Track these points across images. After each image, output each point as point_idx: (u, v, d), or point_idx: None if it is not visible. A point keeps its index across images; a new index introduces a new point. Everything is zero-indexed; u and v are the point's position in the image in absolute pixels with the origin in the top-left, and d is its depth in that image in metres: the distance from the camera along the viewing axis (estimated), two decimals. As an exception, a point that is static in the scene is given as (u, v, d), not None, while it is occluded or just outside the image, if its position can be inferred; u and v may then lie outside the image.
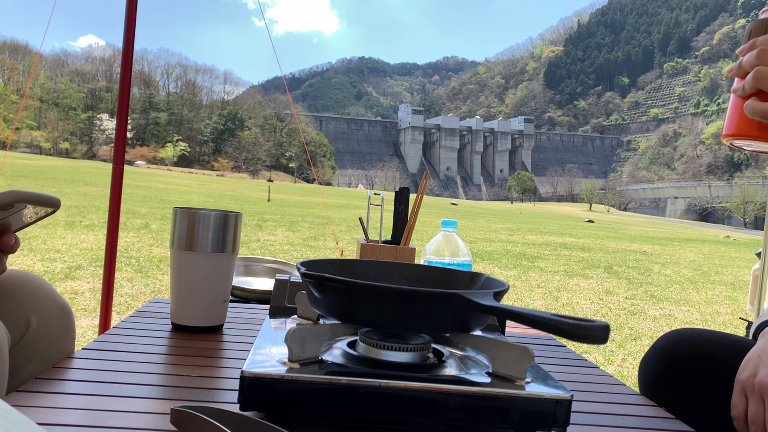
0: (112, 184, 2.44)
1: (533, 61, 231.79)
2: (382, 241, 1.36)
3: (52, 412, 0.57)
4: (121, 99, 2.44)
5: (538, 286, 6.57)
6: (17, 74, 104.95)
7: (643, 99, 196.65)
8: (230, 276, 0.92)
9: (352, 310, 0.61)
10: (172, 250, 0.89)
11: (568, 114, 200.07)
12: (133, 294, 4.37)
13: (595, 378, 0.85)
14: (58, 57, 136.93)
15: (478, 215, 30.89)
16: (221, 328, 0.93)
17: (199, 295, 0.88)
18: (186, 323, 0.89)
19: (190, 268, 0.88)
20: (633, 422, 0.68)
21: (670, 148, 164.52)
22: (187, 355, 0.79)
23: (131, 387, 0.65)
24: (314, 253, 7.61)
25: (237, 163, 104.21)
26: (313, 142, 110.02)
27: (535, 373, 0.60)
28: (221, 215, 0.88)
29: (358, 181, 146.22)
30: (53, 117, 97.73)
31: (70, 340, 0.81)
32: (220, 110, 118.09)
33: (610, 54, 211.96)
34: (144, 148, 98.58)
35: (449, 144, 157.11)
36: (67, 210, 10.36)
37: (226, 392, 0.65)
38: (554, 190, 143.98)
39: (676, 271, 9.34)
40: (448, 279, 0.75)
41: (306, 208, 19.30)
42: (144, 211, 12.02)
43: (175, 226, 0.88)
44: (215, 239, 0.87)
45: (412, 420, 0.55)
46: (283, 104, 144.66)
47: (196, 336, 0.88)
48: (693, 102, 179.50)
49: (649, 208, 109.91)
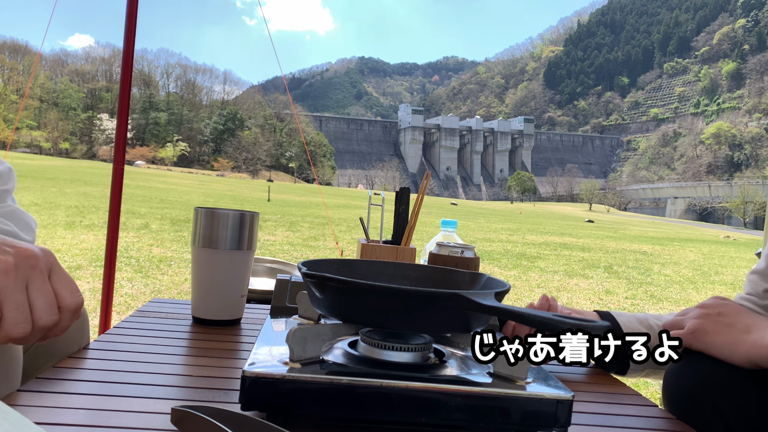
0: (112, 184, 2.44)
1: (533, 61, 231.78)
2: (382, 241, 1.36)
3: (53, 411, 0.57)
4: (121, 99, 2.44)
5: (538, 286, 6.57)
6: (17, 74, 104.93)
7: (643, 99, 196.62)
8: (248, 272, 0.95)
9: (353, 310, 0.61)
10: (193, 247, 0.94)
11: (568, 114, 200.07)
12: (133, 294, 4.37)
13: (596, 378, 0.85)
14: (58, 57, 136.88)
15: (478, 215, 30.89)
16: (239, 322, 0.96)
17: (219, 291, 0.93)
18: (207, 317, 0.94)
19: (210, 264, 0.92)
20: (633, 422, 0.68)
21: (670, 148, 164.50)
22: (188, 354, 0.79)
23: (132, 387, 0.65)
24: (314, 253, 7.61)
25: (237, 163, 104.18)
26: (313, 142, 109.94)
27: (536, 374, 0.60)
28: (240, 214, 0.92)
29: (358, 181, 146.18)
30: (53, 117, 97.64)
31: (85, 338, 0.82)
32: (220, 110, 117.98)
33: (610, 54, 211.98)
34: (144, 148, 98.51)
35: (449, 144, 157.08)
36: (67, 210, 10.36)
37: (227, 392, 0.65)
38: (554, 190, 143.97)
39: (676, 271, 9.34)
40: (449, 279, 0.75)
41: (306, 208, 19.30)
42: (144, 211, 12.02)
43: (197, 225, 0.92)
44: (234, 237, 0.91)
45: (413, 420, 0.55)
46: (283, 104, 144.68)
47: (196, 336, 0.88)
48: (693, 102, 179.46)
49: (649, 208, 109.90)
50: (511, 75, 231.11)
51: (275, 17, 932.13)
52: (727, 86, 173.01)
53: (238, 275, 0.93)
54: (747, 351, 0.71)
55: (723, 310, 0.77)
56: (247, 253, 0.94)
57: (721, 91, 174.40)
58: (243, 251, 0.93)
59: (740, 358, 0.71)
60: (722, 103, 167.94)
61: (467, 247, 1.06)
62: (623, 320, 0.90)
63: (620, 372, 0.91)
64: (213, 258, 0.91)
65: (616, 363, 0.90)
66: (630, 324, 0.90)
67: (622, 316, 0.91)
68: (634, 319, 0.91)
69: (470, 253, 1.05)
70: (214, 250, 0.91)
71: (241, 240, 0.92)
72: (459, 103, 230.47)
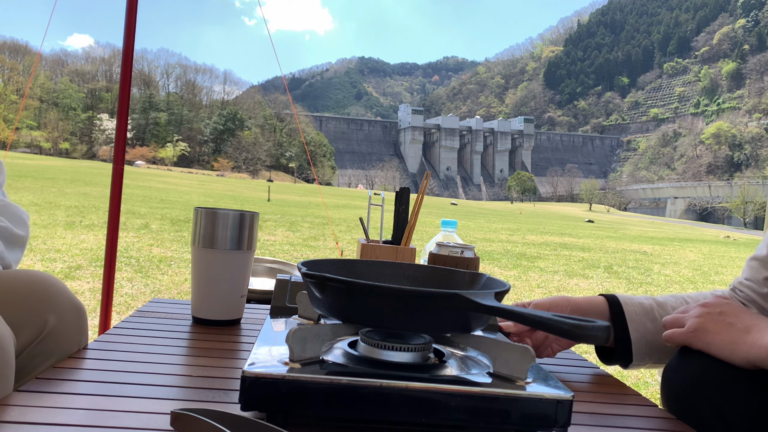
0: (112, 184, 2.44)
1: (533, 61, 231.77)
2: (382, 241, 1.36)
3: (53, 411, 0.57)
4: (121, 99, 2.44)
5: (538, 286, 6.57)
6: (17, 74, 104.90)
7: (643, 99, 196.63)
8: (248, 272, 0.95)
9: (353, 310, 0.61)
10: (193, 247, 0.94)
11: (568, 114, 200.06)
12: (133, 294, 4.37)
13: (595, 378, 0.85)
14: (58, 57, 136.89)
15: (478, 215, 30.89)
16: (239, 322, 0.96)
17: (218, 291, 0.93)
18: (206, 317, 0.94)
19: (210, 264, 0.92)
20: (633, 422, 0.68)
21: (670, 148, 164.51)
22: (188, 355, 0.79)
23: (132, 387, 0.65)
24: (314, 253, 7.61)
25: (237, 163, 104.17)
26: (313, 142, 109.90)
27: (535, 374, 0.60)
28: (240, 214, 0.92)
29: (358, 181, 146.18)
30: (53, 117, 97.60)
31: (84, 337, 0.82)
32: (220, 110, 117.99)
33: (610, 54, 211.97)
34: (144, 148, 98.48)
35: (449, 144, 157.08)
36: (67, 210, 10.36)
37: (227, 392, 0.65)
38: (554, 190, 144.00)
39: (676, 271, 9.34)
40: (449, 279, 0.75)
41: (306, 208, 19.30)
42: (144, 211, 12.02)
43: (197, 225, 0.92)
44: (234, 237, 0.92)
45: (413, 420, 0.55)
46: (283, 104, 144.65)
47: (196, 336, 0.88)
48: (693, 102, 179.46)
49: (649, 208, 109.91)
50: (511, 75, 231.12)
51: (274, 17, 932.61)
52: (727, 86, 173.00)
53: (238, 275, 0.94)
54: (746, 351, 0.71)
55: (724, 309, 0.77)
56: (247, 253, 0.94)
57: (721, 91, 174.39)
58: (243, 251, 0.93)
59: (739, 358, 0.71)
60: (722, 103, 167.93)
61: (467, 247, 1.06)
62: (629, 312, 0.90)
63: (623, 365, 0.91)
64: (213, 258, 0.92)
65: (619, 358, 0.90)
66: (636, 318, 0.90)
67: (628, 306, 0.91)
68: (641, 310, 0.90)
69: (470, 253, 1.05)
70: (214, 250, 0.91)
71: (241, 240, 0.92)
72: (459, 103, 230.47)
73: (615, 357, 0.90)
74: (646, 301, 0.92)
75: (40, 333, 0.77)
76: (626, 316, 0.90)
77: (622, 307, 0.91)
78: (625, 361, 0.90)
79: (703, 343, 0.76)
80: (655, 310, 0.91)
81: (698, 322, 0.77)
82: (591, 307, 0.91)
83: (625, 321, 0.89)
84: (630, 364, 0.90)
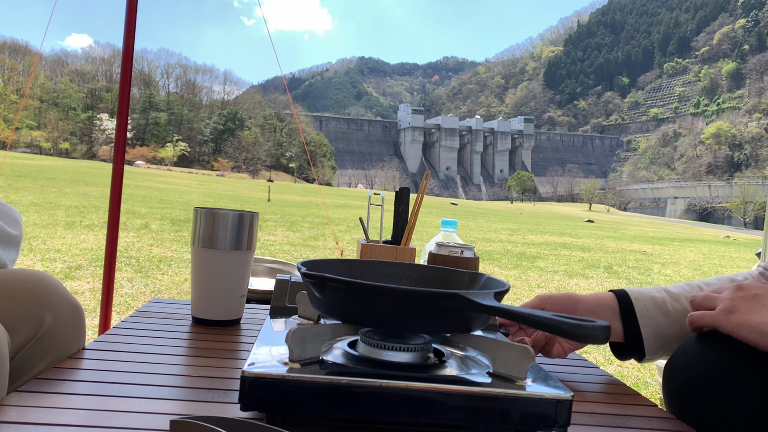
0: (112, 184, 2.44)
1: (533, 61, 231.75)
2: (382, 241, 1.35)
3: (52, 412, 0.57)
4: (121, 99, 2.44)
5: (538, 286, 6.57)
6: (17, 74, 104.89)
7: (643, 99, 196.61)
8: (247, 272, 0.95)
9: (353, 310, 0.61)
10: (193, 248, 0.94)
11: (568, 114, 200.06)
12: (133, 294, 4.37)
13: (595, 378, 0.85)
14: (57, 57, 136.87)
15: (478, 215, 30.89)
16: (239, 322, 0.96)
17: (218, 291, 0.93)
18: (206, 317, 0.94)
19: (210, 264, 0.92)
20: (633, 422, 0.68)
21: (670, 148, 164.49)
22: (188, 355, 0.79)
23: (132, 387, 0.65)
24: (314, 253, 7.61)
25: (237, 163, 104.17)
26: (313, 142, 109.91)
27: (535, 373, 0.60)
28: (239, 215, 0.92)
29: (358, 181, 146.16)
30: (53, 117, 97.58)
31: (81, 337, 0.82)
32: (220, 110, 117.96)
33: (610, 54, 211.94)
34: (144, 148, 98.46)
35: (449, 144, 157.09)
36: (67, 210, 10.36)
37: (226, 392, 0.65)
38: (554, 190, 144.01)
39: (676, 271, 9.34)
40: (449, 279, 0.75)
41: (306, 208, 19.30)
42: (144, 211, 12.02)
43: (197, 225, 0.92)
44: (234, 237, 0.92)
45: (412, 420, 0.55)
46: (283, 104, 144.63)
47: (195, 336, 0.88)
48: (693, 102, 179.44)
49: (649, 208, 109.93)
50: (511, 75, 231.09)
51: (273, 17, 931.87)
52: (727, 86, 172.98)
53: (238, 275, 0.93)
54: None
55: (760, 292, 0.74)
56: (246, 254, 0.94)
57: (721, 91, 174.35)
58: (243, 251, 0.93)
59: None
60: (722, 103, 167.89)
61: (467, 247, 1.06)
62: (640, 307, 0.87)
63: (637, 359, 0.89)
64: (213, 258, 0.91)
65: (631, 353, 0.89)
66: (647, 313, 0.87)
67: (639, 301, 0.88)
68: (652, 304, 0.88)
69: (470, 253, 1.05)
70: (214, 250, 0.91)
71: (240, 240, 0.92)
72: (459, 103, 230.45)
73: (627, 352, 0.89)
74: (658, 294, 0.89)
75: (36, 332, 0.76)
76: (636, 312, 0.87)
77: (632, 302, 0.88)
78: (638, 355, 0.88)
79: (734, 325, 0.72)
80: (668, 302, 0.88)
81: (732, 305, 0.73)
82: (599, 304, 0.89)
83: (635, 317, 0.87)
84: (643, 358, 0.89)
